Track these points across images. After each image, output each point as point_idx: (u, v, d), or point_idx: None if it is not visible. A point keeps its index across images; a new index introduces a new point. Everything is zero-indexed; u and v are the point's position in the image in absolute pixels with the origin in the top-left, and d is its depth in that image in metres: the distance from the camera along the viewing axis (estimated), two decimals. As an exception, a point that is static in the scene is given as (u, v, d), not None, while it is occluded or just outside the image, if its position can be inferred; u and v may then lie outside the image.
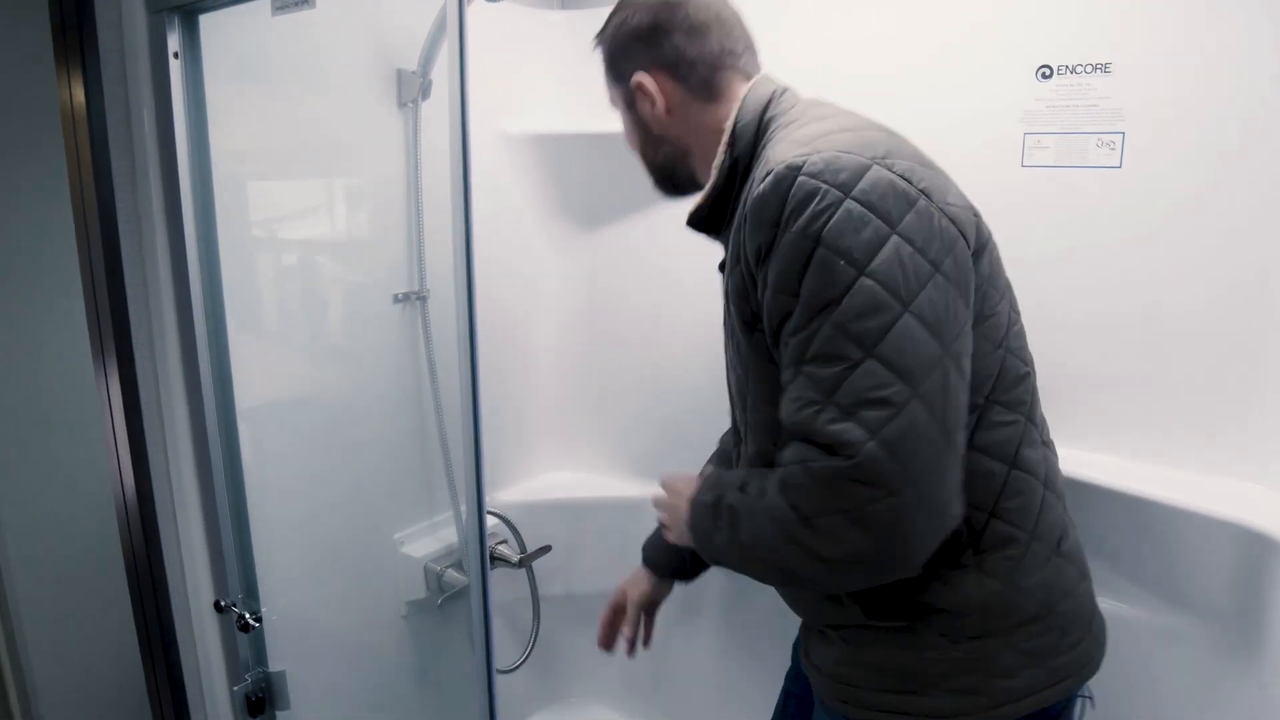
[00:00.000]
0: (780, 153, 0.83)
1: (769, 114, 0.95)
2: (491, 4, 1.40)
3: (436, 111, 1.52)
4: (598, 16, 1.74)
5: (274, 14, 1.01)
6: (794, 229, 0.77)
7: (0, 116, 1.92)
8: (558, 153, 1.78)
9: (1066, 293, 1.33)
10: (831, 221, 0.76)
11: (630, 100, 1.06)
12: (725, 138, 0.96)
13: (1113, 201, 1.28)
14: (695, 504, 0.92)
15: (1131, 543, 1.27)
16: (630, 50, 1.04)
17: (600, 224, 1.83)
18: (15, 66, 1.90)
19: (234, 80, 1.29)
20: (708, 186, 0.98)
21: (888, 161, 0.80)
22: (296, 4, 0.98)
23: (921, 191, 0.80)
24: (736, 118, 0.96)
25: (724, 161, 0.96)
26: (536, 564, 1.73)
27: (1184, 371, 1.27)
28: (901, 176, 0.79)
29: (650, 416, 1.86)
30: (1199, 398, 1.27)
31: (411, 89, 1.50)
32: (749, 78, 1.02)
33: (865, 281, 0.75)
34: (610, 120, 1.67)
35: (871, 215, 0.76)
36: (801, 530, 0.76)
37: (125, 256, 1.29)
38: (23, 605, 1.98)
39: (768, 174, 0.81)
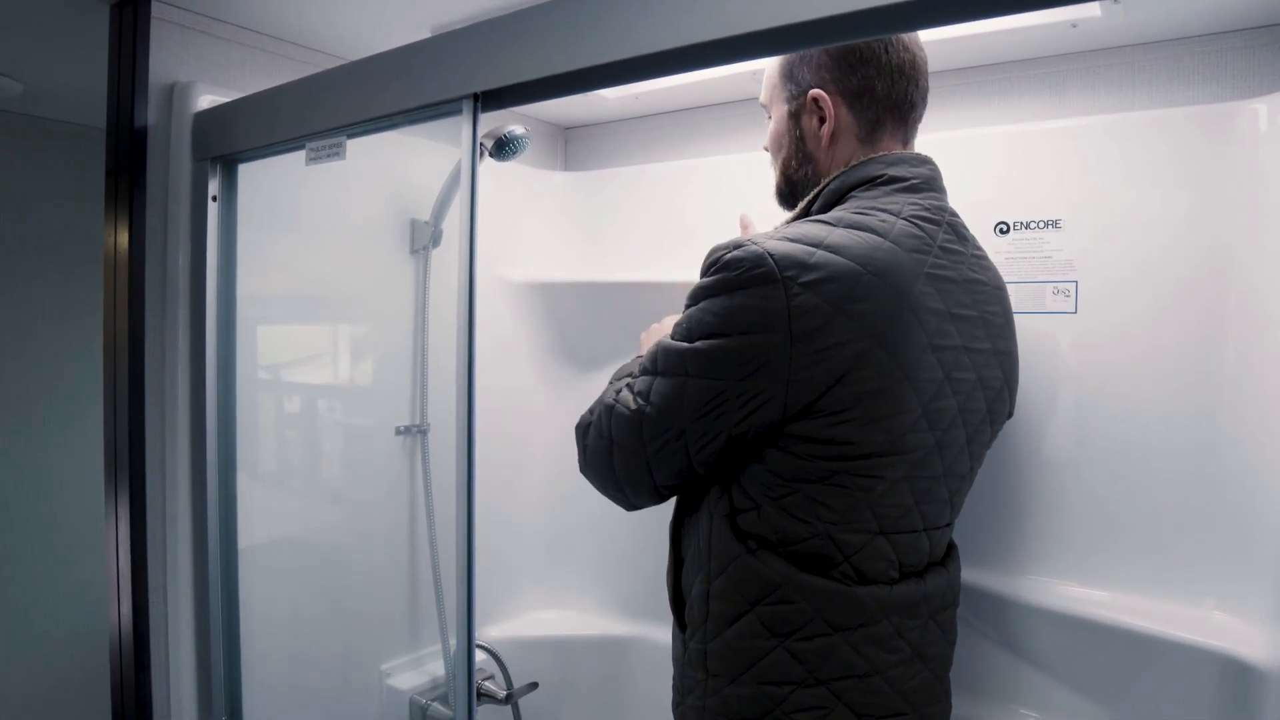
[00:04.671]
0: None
1: (854, 192, 1.02)
2: (500, 163, 1.54)
3: (444, 258, 1.65)
4: (597, 178, 1.93)
5: (308, 164, 1.13)
6: None
7: (33, 250, 2.07)
8: (555, 299, 1.90)
9: (1031, 431, 1.41)
10: None
11: (797, 109, 1.08)
12: (817, 189, 1.05)
13: (1071, 344, 1.38)
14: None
15: (1114, 673, 1.28)
16: (821, 62, 1.04)
17: (594, 367, 1.92)
18: (54, 202, 2.08)
19: (263, 222, 1.42)
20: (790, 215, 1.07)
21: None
22: (329, 155, 1.10)
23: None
24: (837, 179, 1.03)
25: (805, 206, 1.05)
26: (523, 701, 1.71)
27: (1146, 501, 1.32)
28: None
29: (639, 557, 1.88)
30: (1163, 529, 1.31)
31: (423, 237, 1.63)
32: (904, 138, 1.08)
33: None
34: (603, 270, 1.80)
35: None
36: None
37: (148, 386, 1.37)
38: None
39: None
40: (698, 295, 0.96)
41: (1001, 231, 1.42)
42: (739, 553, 1.00)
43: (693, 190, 1.78)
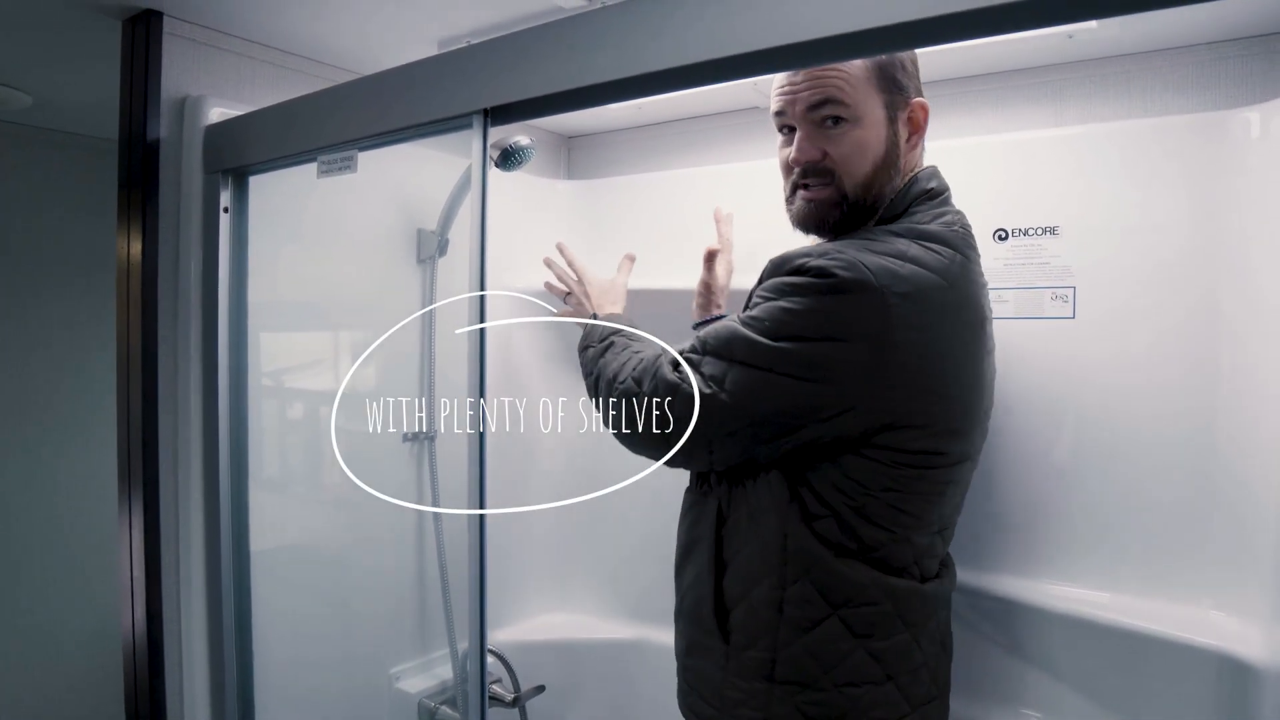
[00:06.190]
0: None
1: (911, 206, 1.03)
2: (505, 173, 1.56)
3: (450, 267, 1.67)
4: (601, 186, 1.94)
5: (319, 176, 1.15)
6: None
7: (44, 260, 2.09)
8: (559, 304, 1.91)
9: (1031, 434, 1.42)
10: None
11: (895, 116, 1.03)
12: (884, 205, 1.03)
13: (1069, 348, 1.39)
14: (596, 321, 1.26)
15: (1113, 673, 1.30)
16: (913, 72, 1.04)
17: (599, 373, 1.94)
18: (63, 212, 2.09)
19: (273, 233, 1.44)
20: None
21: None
22: (341, 168, 1.12)
23: None
24: (898, 195, 1.03)
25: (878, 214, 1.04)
26: (530, 704, 1.73)
27: (1143, 504, 1.34)
28: None
29: (646, 559, 1.90)
30: (1161, 530, 1.33)
31: (430, 246, 1.65)
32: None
33: None
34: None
35: None
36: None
37: (160, 394, 1.39)
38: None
39: None
40: (780, 291, 0.93)
41: (1000, 238, 1.44)
42: (823, 556, 0.98)
43: (695, 199, 1.80)
